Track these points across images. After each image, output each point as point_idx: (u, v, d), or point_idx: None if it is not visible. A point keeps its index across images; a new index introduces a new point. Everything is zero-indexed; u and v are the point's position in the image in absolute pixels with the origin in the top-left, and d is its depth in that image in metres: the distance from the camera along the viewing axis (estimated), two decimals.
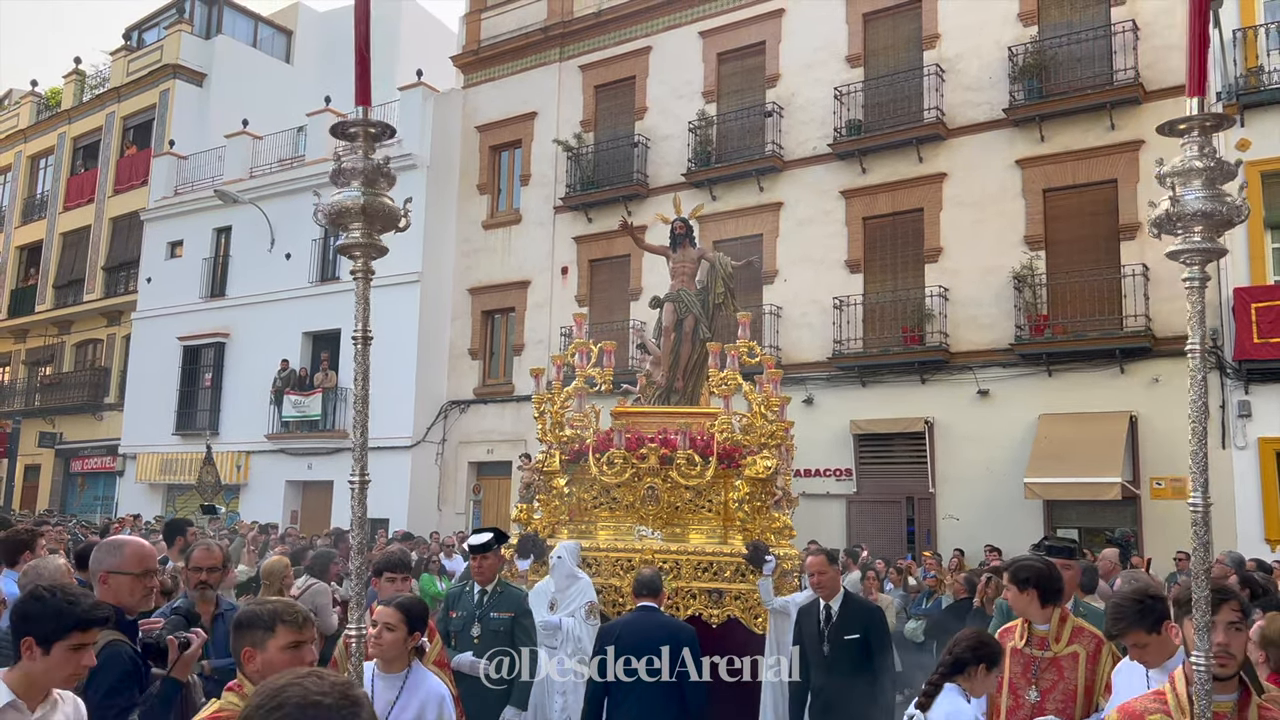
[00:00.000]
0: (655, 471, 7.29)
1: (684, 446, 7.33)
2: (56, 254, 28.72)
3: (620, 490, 7.44)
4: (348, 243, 2.62)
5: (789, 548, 7.31)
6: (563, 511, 7.61)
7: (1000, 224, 15.26)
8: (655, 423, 7.93)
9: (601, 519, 7.56)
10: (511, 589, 6.04)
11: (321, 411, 21.11)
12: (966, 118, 15.81)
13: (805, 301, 16.77)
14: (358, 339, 2.61)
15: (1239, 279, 13.40)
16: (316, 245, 22.14)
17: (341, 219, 2.59)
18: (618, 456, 7.31)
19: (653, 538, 7.24)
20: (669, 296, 8.96)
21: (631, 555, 7.10)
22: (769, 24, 18.05)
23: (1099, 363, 14.20)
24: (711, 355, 8.00)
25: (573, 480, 7.67)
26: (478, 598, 5.89)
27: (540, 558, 7.11)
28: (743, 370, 7.99)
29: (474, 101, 21.83)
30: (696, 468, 7.27)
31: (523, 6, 21.44)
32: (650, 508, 7.31)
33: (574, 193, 19.55)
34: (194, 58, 27.24)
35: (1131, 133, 14.42)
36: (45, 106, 31.24)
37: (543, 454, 7.78)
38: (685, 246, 9.12)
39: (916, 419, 15.42)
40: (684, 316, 8.75)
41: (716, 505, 7.42)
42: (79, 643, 2.70)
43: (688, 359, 8.72)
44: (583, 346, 8.22)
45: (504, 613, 5.77)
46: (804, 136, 17.28)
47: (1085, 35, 14.96)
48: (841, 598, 5.78)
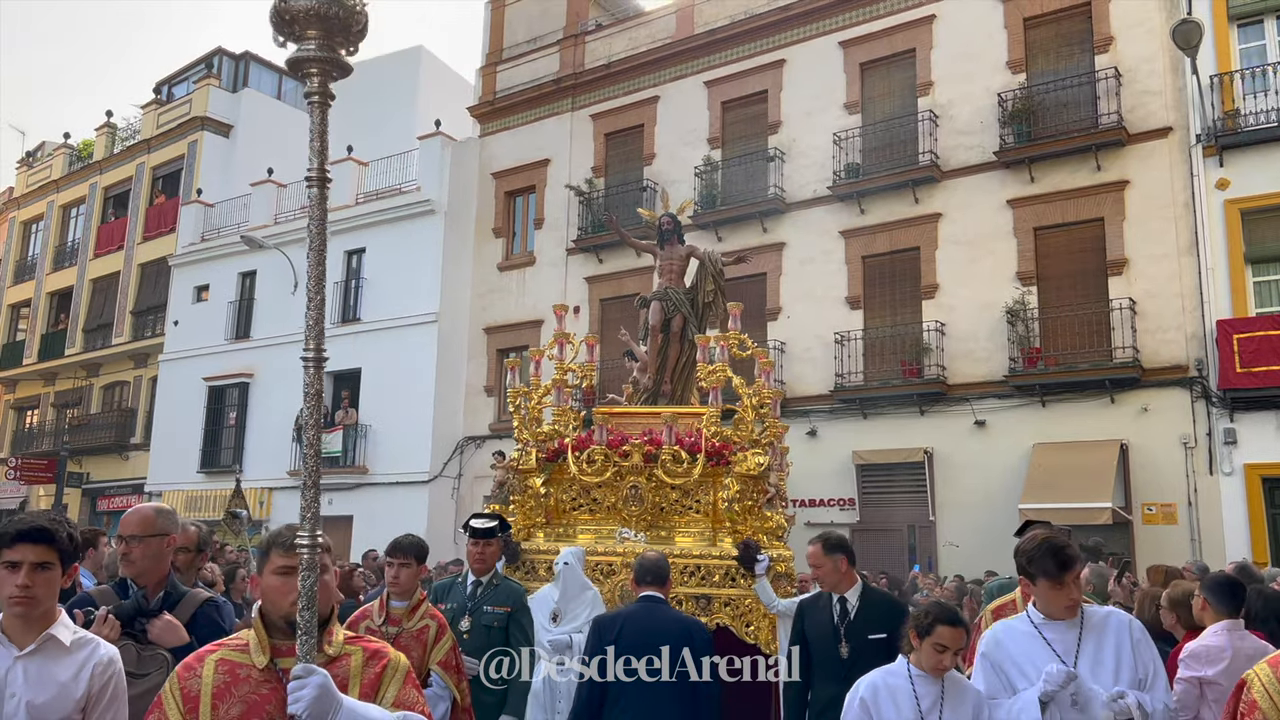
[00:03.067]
0: (639, 470, 6.76)
1: (670, 443, 6.78)
2: (86, 299, 29.67)
3: (601, 490, 6.92)
4: (301, 56, 2.26)
5: (783, 548, 6.86)
6: (539, 513, 7.07)
7: (993, 261, 15.90)
8: (640, 423, 7.38)
9: (581, 521, 7.04)
10: (509, 582, 5.54)
11: (342, 448, 21.78)
12: (959, 160, 16.53)
13: (808, 337, 17.39)
14: (313, 179, 2.35)
15: (1221, 311, 13.97)
16: (338, 288, 22.97)
17: (294, 26, 2.22)
18: (598, 454, 6.81)
19: (636, 540, 6.69)
20: (656, 294, 8.46)
21: (613, 559, 6.60)
22: (770, 74, 18.90)
23: (1090, 393, 14.73)
24: (700, 349, 7.47)
25: (550, 480, 7.14)
26: (471, 589, 5.34)
27: (514, 561, 6.67)
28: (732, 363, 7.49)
29: (490, 149, 22.74)
30: (683, 465, 6.73)
31: (536, 59, 22.41)
32: (633, 508, 6.79)
33: (585, 235, 20.32)
34: (221, 110, 28.37)
35: (1116, 173, 15.11)
36: (77, 158, 32.41)
37: (518, 452, 7.25)
38: (673, 243, 8.60)
39: (916, 449, 15.95)
40: (672, 315, 8.27)
41: (704, 505, 6.86)
42: (7, 560, 2.71)
43: (676, 360, 8.26)
44: (563, 338, 7.63)
45: (499, 606, 5.22)
46: (805, 180, 18.03)
47: (1071, 82, 15.70)
48: (860, 589, 4.92)
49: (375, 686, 2.58)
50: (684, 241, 8.73)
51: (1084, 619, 3.46)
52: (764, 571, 6.35)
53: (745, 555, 6.42)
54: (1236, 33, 14.83)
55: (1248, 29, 14.87)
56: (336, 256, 23.23)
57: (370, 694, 2.55)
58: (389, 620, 4.59)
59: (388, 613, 4.63)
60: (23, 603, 2.70)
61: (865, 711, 3.49)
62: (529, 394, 7.43)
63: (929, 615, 3.51)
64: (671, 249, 8.57)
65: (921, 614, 3.55)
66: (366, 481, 21.43)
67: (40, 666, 2.73)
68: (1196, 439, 14.09)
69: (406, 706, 2.57)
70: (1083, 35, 15.95)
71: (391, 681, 2.61)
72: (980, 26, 16.66)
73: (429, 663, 4.50)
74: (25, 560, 2.72)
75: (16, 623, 2.74)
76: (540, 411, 7.41)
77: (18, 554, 2.72)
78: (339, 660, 2.57)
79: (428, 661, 4.50)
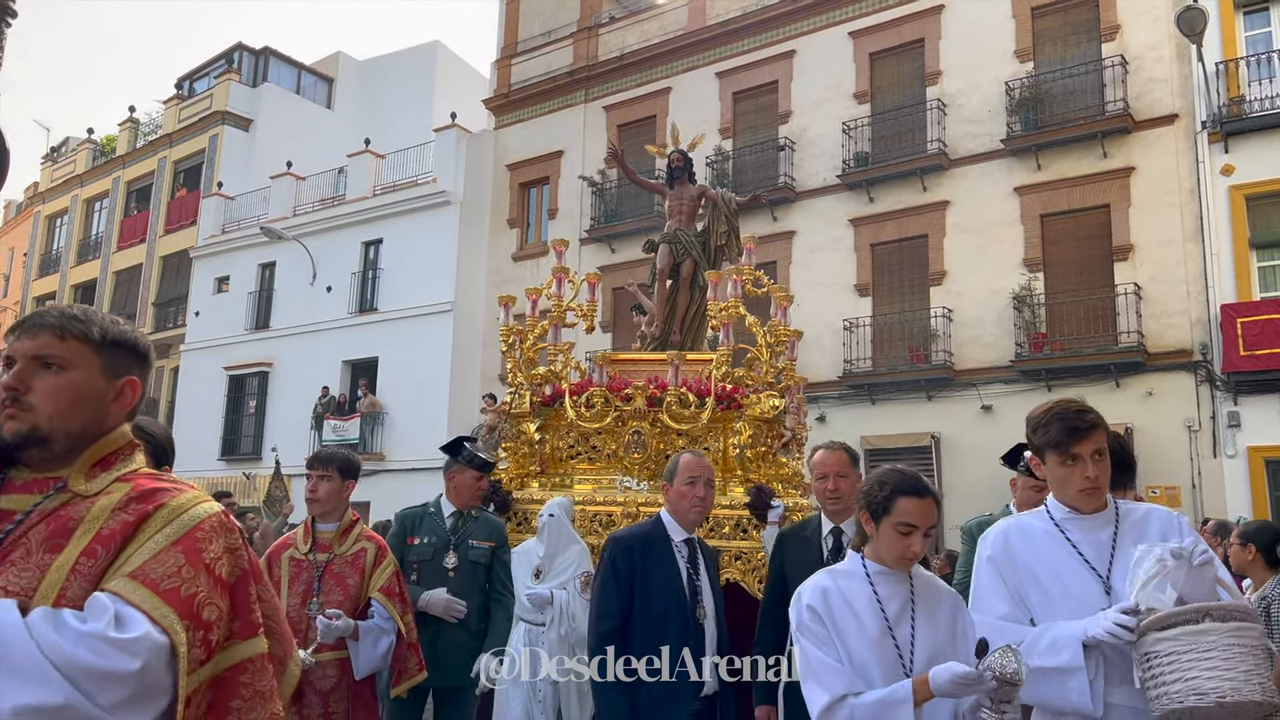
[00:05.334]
0: (642, 414, 6.17)
1: (675, 384, 6.20)
2: (110, 291, 30.18)
3: (601, 437, 6.34)
4: None
5: (798, 497, 6.24)
6: (533, 461, 6.45)
7: (1000, 248, 16.08)
8: (644, 371, 6.76)
9: (579, 471, 6.45)
10: (488, 515, 5.14)
11: (360, 435, 22.15)
12: (967, 149, 16.71)
13: (818, 324, 17.57)
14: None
15: (1226, 295, 14.11)
16: (356, 278, 23.35)
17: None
18: (598, 397, 6.22)
19: (639, 490, 6.12)
20: (665, 237, 7.72)
21: (613, 510, 6.05)
22: (781, 64, 19.12)
23: (1095, 378, 14.90)
24: (711, 285, 6.71)
25: (545, 426, 6.52)
26: (450, 521, 4.88)
27: (504, 510, 6.17)
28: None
29: (504, 141, 23.05)
30: (690, 409, 6.15)
31: (550, 52, 22.70)
32: (636, 456, 6.16)
33: (598, 225, 20.60)
34: (241, 105, 28.80)
35: (1122, 160, 15.26)
36: (101, 153, 32.93)
37: (510, 395, 6.67)
38: (684, 182, 7.86)
39: (924, 434, 16.16)
40: (681, 259, 7.58)
41: (714, 453, 6.21)
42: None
43: (685, 308, 7.57)
44: (561, 272, 6.81)
45: (484, 541, 4.83)
46: (815, 169, 18.25)
47: (1077, 70, 15.85)
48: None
49: (118, 546, 1.60)
50: (695, 181, 8.01)
51: (1119, 515, 2.66)
52: (777, 519, 5.64)
53: (757, 500, 5.79)
54: (1242, 19, 14.95)
55: (1253, 16, 14.99)
56: (354, 247, 23.63)
57: (109, 554, 1.59)
58: (317, 547, 4.04)
59: (314, 538, 4.06)
60: None
61: (818, 622, 2.57)
62: (523, 334, 6.68)
63: (885, 487, 2.59)
64: (681, 188, 7.86)
65: (874, 486, 2.62)
66: (384, 468, 21.77)
67: None
68: (1200, 422, 14.24)
69: (160, 593, 1.56)
70: (1089, 24, 16.09)
71: (144, 545, 1.61)
72: (988, 16, 16.82)
73: (369, 589, 4.00)
74: None
75: None
76: (536, 353, 6.70)
77: None
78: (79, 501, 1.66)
79: (367, 589, 4.00)
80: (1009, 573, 2.67)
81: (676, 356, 6.36)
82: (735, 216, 7.73)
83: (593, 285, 7.10)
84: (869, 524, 2.63)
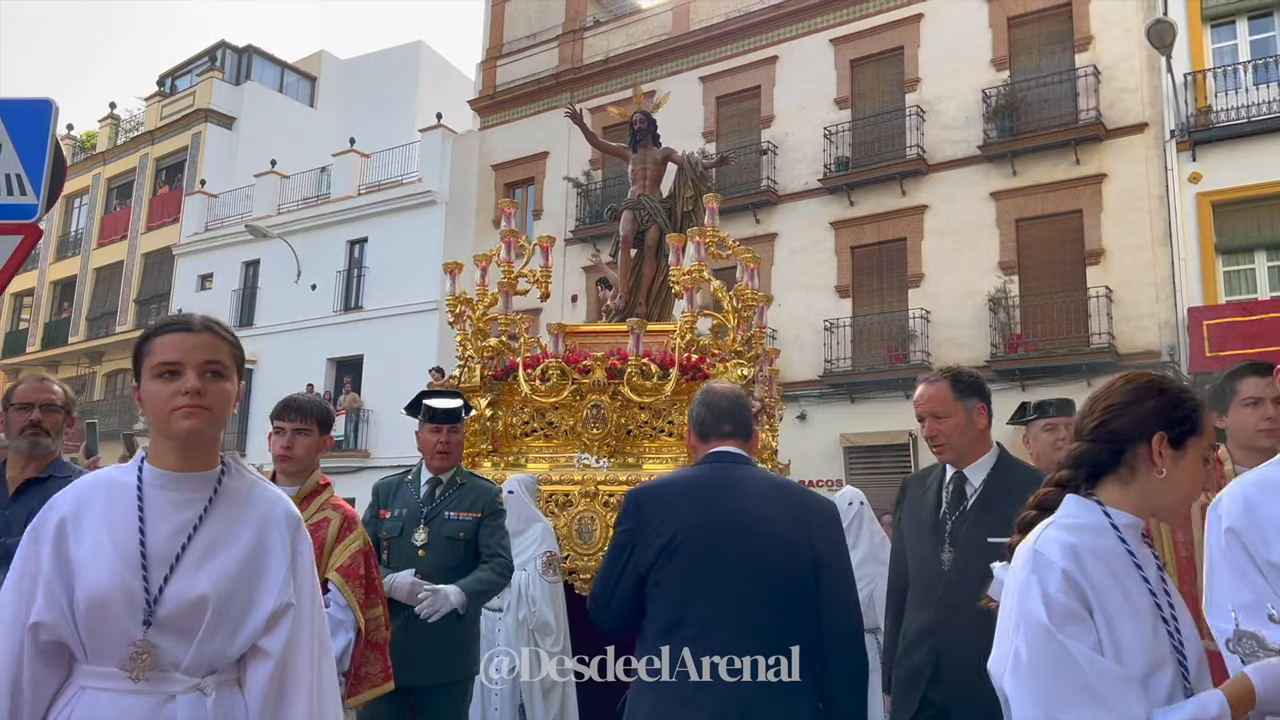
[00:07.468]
0: (601, 387, 5.80)
1: (636, 355, 5.83)
2: (90, 288, 30.10)
3: (558, 413, 5.96)
4: None
5: (769, 470, 5.24)
6: (485, 440, 6.01)
7: (976, 251, 16.52)
8: (606, 344, 6.37)
9: (534, 448, 6.07)
10: (478, 479, 4.19)
11: (344, 432, 22.32)
12: (945, 154, 17.14)
13: (798, 324, 17.98)
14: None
15: (1193, 299, 14.61)
16: (340, 276, 23.51)
17: None
18: (554, 370, 5.86)
19: (599, 467, 5.80)
20: (628, 203, 7.36)
21: (569, 489, 5.70)
22: (764, 70, 19.49)
23: (1067, 377, 15.33)
24: (673, 249, 6.21)
25: (498, 402, 6.10)
26: (427, 489, 4.04)
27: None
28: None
29: (490, 142, 23.29)
30: (653, 381, 5.77)
31: (535, 54, 22.97)
32: (595, 432, 5.78)
33: (583, 226, 20.88)
34: (224, 103, 28.85)
35: (1095, 167, 15.74)
36: (80, 149, 32.83)
37: (459, 369, 6.19)
38: (647, 145, 7.45)
39: (901, 432, 16.56)
40: (646, 227, 7.20)
41: (678, 427, 5.79)
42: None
43: (651, 278, 7.23)
44: (511, 236, 6.38)
45: (465, 512, 3.94)
46: (796, 173, 18.63)
47: (1052, 79, 16.32)
48: (995, 459, 3.10)
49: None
50: (659, 144, 7.61)
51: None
52: None
53: None
54: (1209, 33, 15.47)
55: (1220, 29, 15.51)
56: (339, 246, 23.79)
57: None
58: None
59: None
60: None
61: (1075, 593, 1.68)
62: (472, 303, 6.26)
63: (1187, 400, 1.84)
64: (645, 152, 7.46)
65: (1168, 404, 1.82)
66: (368, 465, 21.96)
67: None
68: None
69: None
70: (1064, 34, 16.57)
71: None
72: (966, 25, 17.27)
73: (326, 568, 3.19)
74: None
75: None
76: (488, 324, 6.24)
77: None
78: None
79: (325, 567, 3.18)
80: (1258, 545, 1.95)
81: (637, 325, 5.97)
82: (703, 180, 7.39)
83: (545, 250, 6.50)
84: (1158, 457, 1.79)
